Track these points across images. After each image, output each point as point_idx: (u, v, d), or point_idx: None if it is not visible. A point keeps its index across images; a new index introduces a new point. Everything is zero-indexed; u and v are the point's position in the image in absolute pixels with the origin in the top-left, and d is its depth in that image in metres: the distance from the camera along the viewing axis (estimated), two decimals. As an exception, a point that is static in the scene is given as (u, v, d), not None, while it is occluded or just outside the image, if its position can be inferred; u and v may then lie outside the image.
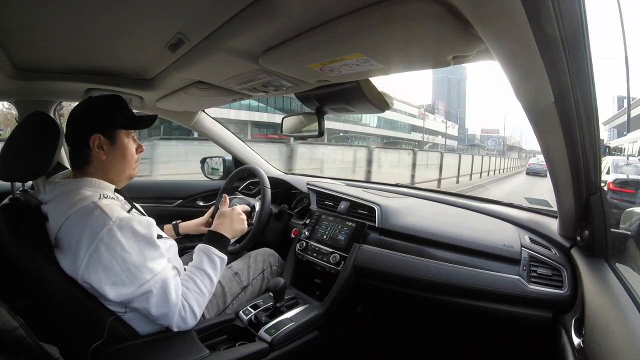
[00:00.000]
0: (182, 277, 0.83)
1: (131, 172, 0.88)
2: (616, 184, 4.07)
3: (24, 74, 0.94)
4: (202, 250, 0.89)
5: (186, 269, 0.87)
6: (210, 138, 1.59)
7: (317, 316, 0.97)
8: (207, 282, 0.84)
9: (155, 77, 0.99)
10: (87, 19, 0.64)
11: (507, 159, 21.31)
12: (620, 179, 4.14)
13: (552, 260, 0.85)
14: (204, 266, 0.86)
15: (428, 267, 0.93)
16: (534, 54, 0.45)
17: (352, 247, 1.07)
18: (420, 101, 64.50)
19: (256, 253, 1.15)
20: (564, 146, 0.63)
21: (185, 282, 0.81)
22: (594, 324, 0.56)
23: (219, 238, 0.94)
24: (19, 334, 0.55)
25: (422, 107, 44.10)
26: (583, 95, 0.54)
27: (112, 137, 0.81)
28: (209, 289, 0.84)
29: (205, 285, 0.83)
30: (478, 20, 0.44)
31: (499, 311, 0.84)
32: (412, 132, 40.10)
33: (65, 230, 0.71)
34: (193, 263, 0.87)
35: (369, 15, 0.47)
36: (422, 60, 0.62)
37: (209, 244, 0.90)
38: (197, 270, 0.85)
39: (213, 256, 0.88)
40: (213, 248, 0.89)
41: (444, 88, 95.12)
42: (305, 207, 1.39)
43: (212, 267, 0.86)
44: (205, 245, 0.90)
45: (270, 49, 0.64)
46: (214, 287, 0.87)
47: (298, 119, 1.14)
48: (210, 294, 0.85)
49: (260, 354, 0.83)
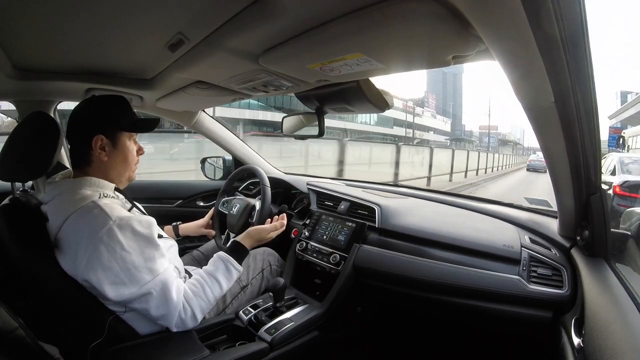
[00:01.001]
0: (191, 281, 0.83)
1: (131, 175, 0.88)
2: (624, 187, 3.36)
3: (24, 74, 0.94)
4: (222, 259, 0.90)
5: (199, 273, 0.87)
6: (210, 138, 1.59)
7: (317, 316, 0.97)
8: (217, 290, 0.84)
9: (155, 77, 0.99)
10: (87, 19, 0.63)
11: (499, 155, 18.90)
12: (630, 181, 3.41)
13: (552, 260, 0.85)
14: (217, 275, 0.86)
15: (428, 267, 0.93)
16: (534, 54, 0.45)
17: (352, 247, 1.07)
18: (412, 95, 61.42)
19: (255, 253, 1.15)
20: (564, 146, 0.63)
21: (194, 287, 0.81)
22: (594, 324, 0.56)
23: (241, 250, 0.95)
24: (19, 334, 0.55)
25: (408, 100, 40.52)
26: (583, 95, 0.54)
27: (115, 138, 0.81)
28: (216, 297, 0.85)
29: (214, 293, 0.84)
30: (478, 20, 0.44)
31: (499, 311, 0.84)
32: (395, 126, 36.90)
33: (65, 230, 0.71)
34: (207, 269, 0.88)
35: (369, 15, 0.47)
36: (422, 60, 0.62)
37: (230, 254, 0.91)
38: (208, 277, 0.85)
39: (231, 267, 0.89)
40: (233, 259, 0.90)
41: (438, 82, 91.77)
42: (305, 207, 1.39)
43: (226, 277, 0.87)
44: (226, 255, 0.91)
45: (270, 49, 0.64)
46: (222, 295, 0.87)
47: (298, 118, 1.14)
48: (216, 300, 0.86)
49: (260, 354, 0.83)
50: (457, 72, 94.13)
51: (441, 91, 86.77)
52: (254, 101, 19.84)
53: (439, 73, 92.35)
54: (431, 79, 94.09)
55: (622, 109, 17.31)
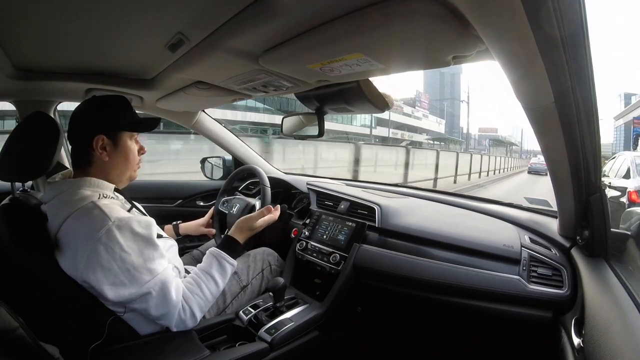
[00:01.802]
0: (187, 280, 0.83)
1: (132, 174, 0.88)
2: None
3: (24, 74, 0.94)
4: (214, 255, 0.89)
5: (193, 271, 0.87)
6: (210, 138, 1.59)
7: (317, 316, 0.97)
8: (213, 287, 0.84)
9: (155, 77, 0.99)
10: (87, 19, 0.63)
11: (495, 158, 16.54)
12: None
13: (552, 260, 0.85)
14: (212, 271, 0.86)
15: (428, 267, 0.93)
16: (534, 54, 0.45)
17: (352, 247, 1.07)
18: (405, 95, 57.44)
19: (255, 252, 1.15)
20: (564, 146, 0.63)
21: (190, 285, 0.81)
22: (594, 324, 0.56)
23: (233, 245, 0.95)
24: (19, 334, 0.55)
25: (399, 100, 38.82)
26: (583, 95, 0.54)
27: (116, 138, 0.81)
28: (213, 294, 0.84)
29: (210, 290, 0.83)
30: (478, 20, 0.44)
31: (499, 311, 0.84)
32: (378, 126, 32.57)
33: (64, 230, 0.71)
34: (202, 266, 0.87)
35: (369, 15, 0.47)
36: (422, 60, 0.62)
37: (222, 249, 0.91)
38: (204, 274, 0.85)
39: (224, 262, 0.88)
40: (225, 254, 0.90)
41: (435, 83, 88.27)
42: (305, 207, 1.39)
43: (220, 273, 0.87)
44: (218, 250, 0.91)
45: (270, 49, 0.64)
46: (220, 292, 0.87)
47: (298, 119, 1.14)
48: (215, 298, 0.86)
49: (260, 354, 0.83)
50: (455, 73, 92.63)
51: (437, 92, 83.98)
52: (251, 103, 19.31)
53: (436, 73, 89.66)
54: (428, 79, 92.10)
55: (629, 109, 17.20)
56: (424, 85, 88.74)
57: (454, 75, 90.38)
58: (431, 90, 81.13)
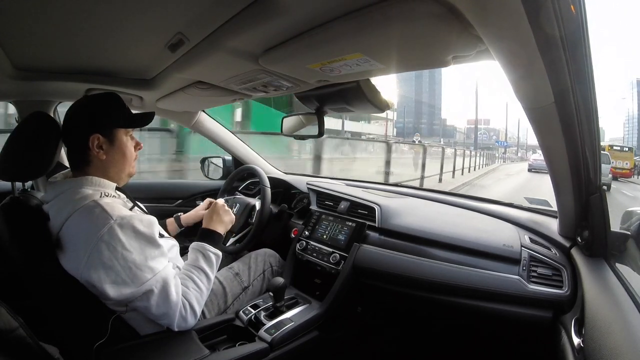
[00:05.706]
0: (179, 275, 0.83)
1: (131, 170, 0.88)
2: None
3: (24, 74, 0.94)
4: (196, 248, 0.90)
5: (183, 267, 0.87)
6: (210, 138, 1.59)
7: (317, 316, 0.97)
8: (204, 279, 0.84)
9: (155, 77, 0.99)
10: (87, 19, 0.63)
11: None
12: None
13: (552, 260, 0.85)
14: (200, 263, 0.86)
15: (428, 267, 0.93)
16: (534, 54, 0.45)
17: (352, 247, 1.07)
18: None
19: (256, 254, 1.15)
20: (564, 146, 0.63)
21: (184, 280, 0.81)
22: (594, 324, 0.56)
23: (211, 234, 0.95)
24: (19, 334, 0.55)
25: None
26: (583, 95, 0.54)
27: (111, 136, 0.81)
28: (206, 286, 0.84)
29: (203, 282, 0.83)
30: (478, 20, 0.44)
31: (499, 311, 0.84)
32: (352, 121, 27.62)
33: (66, 230, 0.71)
34: (189, 261, 0.88)
35: (369, 15, 0.47)
36: (422, 60, 0.62)
37: (202, 241, 0.91)
38: (193, 268, 0.85)
39: (208, 253, 0.89)
40: (207, 245, 0.90)
41: (411, 74, 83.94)
42: (305, 207, 1.39)
43: (207, 264, 0.87)
44: (199, 242, 0.91)
45: (270, 49, 0.64)
46: (211, 283, 0.87)
47: (298, 119, 1.14)
48: (208, 290, 0.86)
49: (260, 354, 0.83)
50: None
51: (414, 83, 74.20)
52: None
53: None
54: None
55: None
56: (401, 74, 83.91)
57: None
58: (406, 81, 71.81)
